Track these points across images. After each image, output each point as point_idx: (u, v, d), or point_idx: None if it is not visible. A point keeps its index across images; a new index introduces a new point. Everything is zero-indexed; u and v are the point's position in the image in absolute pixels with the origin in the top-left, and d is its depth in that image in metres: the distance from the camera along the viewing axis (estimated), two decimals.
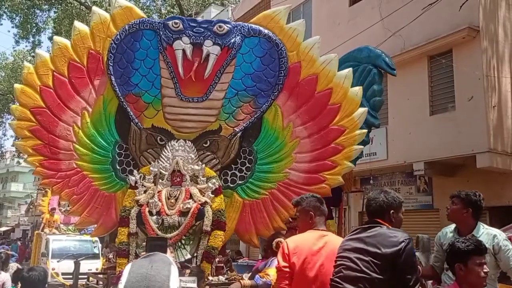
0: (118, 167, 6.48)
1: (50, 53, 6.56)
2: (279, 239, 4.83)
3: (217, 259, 6.19)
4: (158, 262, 3.66)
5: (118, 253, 5.95)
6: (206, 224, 5.87)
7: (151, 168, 6.14)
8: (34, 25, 17.56)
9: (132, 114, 6.49)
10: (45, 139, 6.42)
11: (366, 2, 14.36)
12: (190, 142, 6.40)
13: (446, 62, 10.61)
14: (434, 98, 12.28)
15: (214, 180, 6.07)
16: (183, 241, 5.90)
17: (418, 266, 3.47)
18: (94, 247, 13.80)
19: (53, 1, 17.43)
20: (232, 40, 6.42)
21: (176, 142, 6.39)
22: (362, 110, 6.55)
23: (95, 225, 6.75)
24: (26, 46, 24.64)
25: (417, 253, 6.65)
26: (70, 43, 6.51)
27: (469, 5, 9.44)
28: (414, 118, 12.39)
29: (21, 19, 18.11)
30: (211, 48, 6.37)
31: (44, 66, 6.46)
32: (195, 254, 5.89)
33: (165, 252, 4.33)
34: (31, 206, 40.72)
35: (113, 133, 6.52)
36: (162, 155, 6.34)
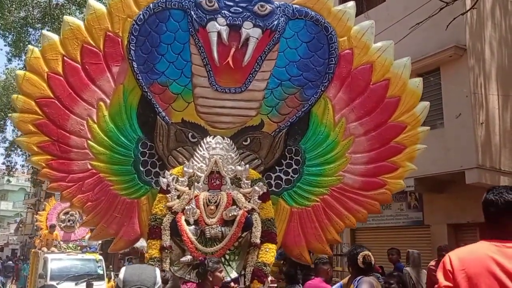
0: (141, 169, 5.65)
1: (60, 35, 5.70)
2: (364, 252, 4.02)
3: (269, 278, 5.29)
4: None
5: None
6: (255, 236, 5.05)
7: (185, 169, 5.32)
8: (27, 43, 17.28)
9: (158, 106, 5.70)
10: (54, 135, 5.56)
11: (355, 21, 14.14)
12: (228, 139, 5.60)
13: (434, 80, 10.84)
14: None
15: (261, 183, 5.29)
16: (227, 257, 5.08)
17: None
18: (98, 267, 12.60)
19: (46, 19, 17.04)
20: (275, 22, 5.78)
21: (213, 138, 5.57)
22: (424, 104, 5.91)
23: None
24: (18, 64, 24.09)
25: (407, 268, 6.73)
26: (83, 23, 5.70)
27: (456, 24, 9.65)
28: None
29: (14, 37, 18.00)
30: (251, 31, 5.71)
31: (52, 50, 5.66)
32: (242, 272, 5.02)
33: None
34: (20, 225, 40.36)
35: (135, 129, 5.70)
36: (196, 154, 5.54)
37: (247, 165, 5.44)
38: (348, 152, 5.85)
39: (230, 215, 5.04)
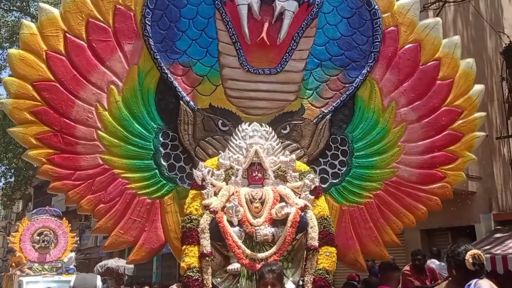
0: (163, 163, 4.86)
1: (61, 9, 4.90)
2: (472, 250, 3.30)
3: None
4: None
5: (187, 286, 4.12)
6: (313, 237, 4.32)
7: (220, 160, 4.55)
8: None
9: (180, 90, 4.96)
10: (56, 124, 4.74)
11: None
12: (267, 126, 4.87)
13: None
14: None
15: (311, 176, 4.56)
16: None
17: None
18: None
19: (14, 39, 16.64)
20: None
21: (249, 125, 4.82)
22: (480, 87, 5.41)
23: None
24: None
25: None
26: None
27: None
28: None
29: None
30: (286, 4, 5.10)
31: (52, 25, 4.89)
32: (300, 282, 4.24)
33: None
34: None
35: (154, 117, 4.93)
36: (230, 144, 4.78)
37: (293, 155, 4.69)
38: (401, 140, 5.28)
39: (283, 213, 4.26)
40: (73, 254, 13.27)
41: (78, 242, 16.15)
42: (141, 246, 4.74)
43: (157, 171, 4.85)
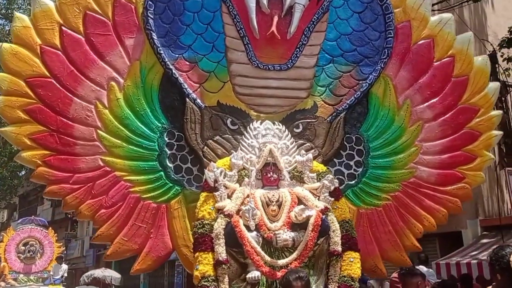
0: (169, 164, 4.51)
1: (56, 1, 4.56)
2: None
3: None
4: None
5: None
6: (335, 242, 4.01)
7: (233, 160, 4.23)
8: None
9: (186, 87, 4.63)
10: (52, 123, 4.36)
11: None
12: (280, 124, 4.58)
13: None
14: None
15: (330, 176, 4.26)
16: None
17: None
18: None
19: None
20: None
21: (260, 124, 4.53)
22: (496, 85, 5.24)
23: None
24: None
25: (371, 281, 6.99)
26: None
27: None
28: None
29: None
30: None
31: (46, 18, 4.54)
32: None
33: None
34: None
35: (158, 115, 4.59)
36: (242, 143, 4.47)
37: (310, 154, 4.39)
38: (418, 140, 5.05)
39: (304, 216, 3.95)
40: (66, 267, 12.99)
41: (65, 252, 15.65)
42: (146, 254, 4.35)
43: (162, 173, 4.49)
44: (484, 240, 10.20)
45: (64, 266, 12.83)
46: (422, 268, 7.45)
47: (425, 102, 5.10)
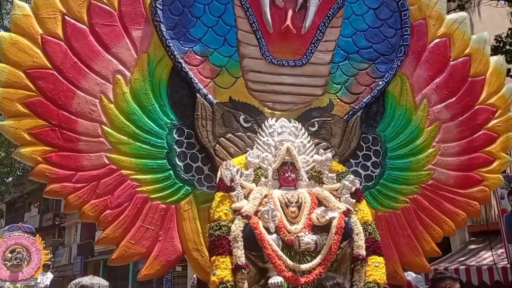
0: (178, 163, 4.23)
1: None
2: None
3: None
4: None
5: None
6: (359, 245, 3.77)
7: (248, 159, 3.98)
8: None
9: (197, 82, 4.36)
10: (53, 117, 4.06)
11: None
12: (296, 122, 4.35)
13: None
14: None
15: (351, 177, 4.03)
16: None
17: None
18: None
19: None
20: None
21: (275, 121, 4.29)
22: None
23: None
24: None
25: None
26: None
27: None
28: None
29: None
30: None
31: (48, 7, 4.24)
32: None
33: None
34: None
35: (167, 111, 4.32)
36: (257, 141, 4.20)
37: (329, 153, 4.15)
38: (436, 140, 4.88)
39: (327, 218, 3.69)
40: (51, 276, 12.59)
41: (52, 259, 15.17)
42: (155, 258, 4.03)
43: (171, 172, 4.20)
44: (472, 246, 10.14)
45: (50, 275, 12.37)
46: (411, 274, 7.22)
47: (442, 102, 4.94)
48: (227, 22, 4.59)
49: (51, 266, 13.31)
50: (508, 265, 7.90)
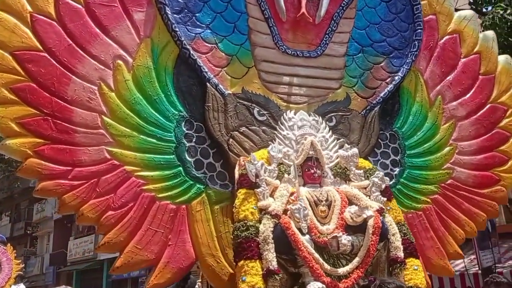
0: (188, 159, 3.74)
1: None
2: None
3: None
4: None
5: None
6: (397, 247, 3.42)
7: (271, 153, 3.57)
8: None
9: (206, 70, 3.91)
10: (45, 105, 3.50)
11: None
12: (316, 115, 3.98)
13: None
14: None
15: (380, 174, 3.69)
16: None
17: None
18: None
19: None
20: None
21: (295, 114, 3.91)
22: None
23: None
24: None
25: None
26: None
27: None
28: None
29: None
30: None
31: None
32: None
33: None
34: None
35: (174, 101, 3.83)
36: (278, 135, 3.79)
37: (355, 149, 3.80)
38: (452, 139, 4.67)
39: (363, 217, 3.31)
40: (24, 287, 11.68)
41: (24, 269, 14.10)
42: (165, 265, 3.48)
43: (181, 168, 3.69)
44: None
45: (22, 286, 11.46)
46: None
47: (456, 99, 4.75)
48: (236, 8, 4.20)
49: (23, 277, 12.35)
50: (479, 271, 7.86)
